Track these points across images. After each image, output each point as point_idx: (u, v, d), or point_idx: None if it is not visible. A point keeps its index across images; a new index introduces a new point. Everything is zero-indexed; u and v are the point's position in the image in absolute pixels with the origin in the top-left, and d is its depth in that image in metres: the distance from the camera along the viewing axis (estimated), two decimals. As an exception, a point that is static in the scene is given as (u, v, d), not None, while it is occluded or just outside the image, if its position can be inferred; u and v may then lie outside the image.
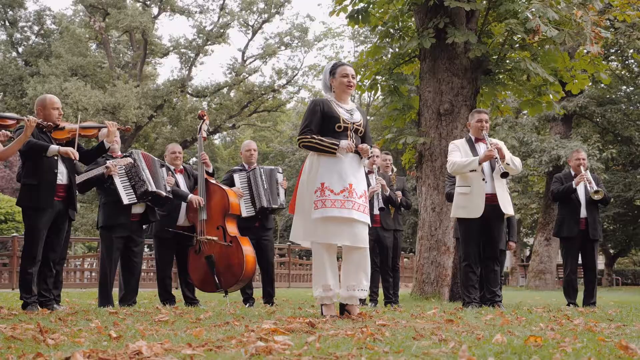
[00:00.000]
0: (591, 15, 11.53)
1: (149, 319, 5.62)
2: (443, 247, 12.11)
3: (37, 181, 7.11)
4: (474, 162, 8.11)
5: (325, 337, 3.86)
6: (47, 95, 7.41)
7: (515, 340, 3.58)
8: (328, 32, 41.50)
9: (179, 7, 38.80)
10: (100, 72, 37.62)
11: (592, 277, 9.76)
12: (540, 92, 12.82)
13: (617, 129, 28.44)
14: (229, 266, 8.77)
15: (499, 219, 8.31)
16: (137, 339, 3.96)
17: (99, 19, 37.09)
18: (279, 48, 39.87)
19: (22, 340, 3.92)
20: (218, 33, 38.41)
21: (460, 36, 11.87)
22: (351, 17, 13.13)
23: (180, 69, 40.01)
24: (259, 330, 4.26)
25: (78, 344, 3.79)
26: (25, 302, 7.00)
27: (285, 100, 43.46)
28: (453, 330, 4.58)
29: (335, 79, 6.38)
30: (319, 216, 6.03)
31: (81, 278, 21.78)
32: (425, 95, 12.60)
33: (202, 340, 3.81)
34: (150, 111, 36.09)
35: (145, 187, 8.15)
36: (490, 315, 6.41)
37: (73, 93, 32.96)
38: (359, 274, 6.21)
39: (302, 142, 6.25)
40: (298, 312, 6.90)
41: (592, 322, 5.67)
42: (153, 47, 39.31)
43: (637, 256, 48.95)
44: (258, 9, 39.31)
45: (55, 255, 7.35)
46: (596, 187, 9.36)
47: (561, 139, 25.53)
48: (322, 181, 6.10)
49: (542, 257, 26.74)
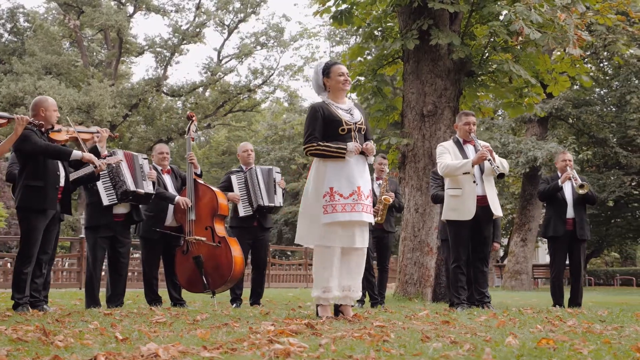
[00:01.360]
0: (574, 18, 11.62)
1: (145, 320, 5.60)
2: (426, 247, 12.16)
3: (42, 183, 7.08)
4: (467, 165, 8.13)
5: (336, 339, 3.86)
6: (48, 97, 7.42)
7: (529, 343, 3.59)
8: (304, 32, 41.45)
9: (154, 6, 38.56)
10: (74, 71, 37.31)
11: (578, 278, 9.82)
12: (521, 94, 12.91)
13: (592, 130, 28.68)
14: (217, 267, 8.73)
15: (489, 221, 8.35)
16: (144, 341, 3.94)
17: (74, 17, 36.78)
18: (255, 48, 39.77)
19: (29, 342, 3.89)
20: (194, 32, 38.25)
21: (444, 38, 11.92)
22: (335, 18, 13.13)
23: (156, 68, 39.81)
24: (264, 332, 4.25)
25: (87, 346, 3.76)
26: (17, 303, 6.93)
27: (260, 100, 43.39)
28: (454, 332, 4.60)
29: (330, 78, 6.37)
30: (329, 221, 6.03)
31: (57, 278, 21.56)
32: (408, 96, 12.64)
33: (212, 342, 3.80)
34: (125, 110, 35.85)
35: (125, 187, 8.13)
36: (484, 316, 6.43)
37: (47, 92, 32.62)
38: (355, 275, 6.22)
39: (308, 151, 6.22)
40: (292, 313, 6.88)
41: (584, 323, 5.72)
42: (128, 46, 39.06)
43: (610, 257, 49.44)
44: (234, 8, 39.19)
45: (47, 257, 7.31)
46: (580, 182, 9.41)
47: (537, 141, 25.69)
48: (331, 185, 6.09)
49: (518, 258, 26.90)
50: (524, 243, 26.89)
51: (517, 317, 6.41)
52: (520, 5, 11.34)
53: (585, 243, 9.87)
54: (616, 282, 37.02)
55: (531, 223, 26.83)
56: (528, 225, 26.77)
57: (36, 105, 7.28)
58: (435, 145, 12.24)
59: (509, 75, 12.35)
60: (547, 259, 39.67)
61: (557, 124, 29.96)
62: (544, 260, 43.48)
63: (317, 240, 6.15)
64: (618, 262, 51.44)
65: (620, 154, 28.28)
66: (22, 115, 6.78)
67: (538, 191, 10.10)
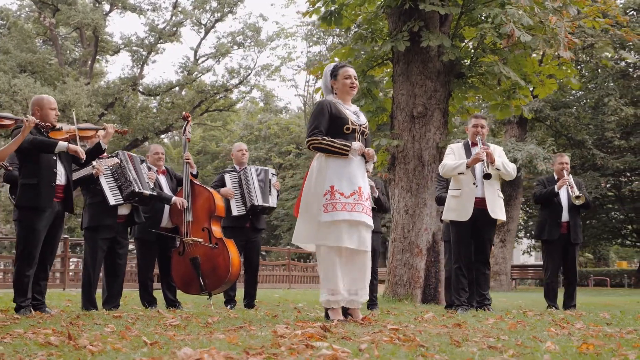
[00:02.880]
0: (565, 21, 11.69)
1: (157, 323, 5.54)
2: (416, 249, 12.16)
3: (36, 180, 6.94)
4: (462, 165, 8.20)
5: (373, 343, 3.84)
6: (44, 96, 7.27)
7: (573, 349, 3.59)
8: (281, 32, 41.37)
9: (130, 5, 38.25)
10: (49, 69, 36.93)
11: (572, 280, 9.87)
12: (509, 96, 12.96)
13: (569, 132, 28.89)
14: (214, 268, 8.69)
15: (489, 224, 8.37)
16: (173, 345, 3.90)
17: (49, 15, 36.42)
18: (232, 47, 39.61)
19: (58, 346, 3.82)
20: (170, 31, 37.99)
21: (435, 40, 11.94)
22: (324, 18, 13.12)
23: (132, 67, 39.51)
24: (292, 335, 4.21)
25: (119, 350, 3.71)
26: (19, 306, 6.82)
27: (236, 100, 43.24)
28: (477, 336, 4.59)
29: (337, 80, 6.34)
30: (329, 219, 5.98)
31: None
32: (398, 98, 12.65)
33: (248, 347, 3.75)
34: (101, 109, 35.55)
35: (132, 188, 8.03)
36: (491, 319, 6.44)
37: (23, 90, 32.28)
38: (362, 277, 6.18)
39: (312, 144, 6.15)
40: (299, 315, 6.85)
41: (592, 326, 5.74)
42: (104, 45, 38.74)
43: (583, 257, 49.81)
44: (211, 7, 38.97)
45: (51, 259, 7.22)
46: (577, 192, 9.46)
47: (517, 142, 25.82)
48: (332, 184, 6.04)
49: (497, 259, 27.05)
50: (503, 244, 27.05)
51: (523, 320, 6.42)
52: (512, 8, 11.39)
53: (578, 246, 9.93)
54: (590, 282, 37.29)
55: (510, 224, 27.00)
56: (507, 226, 26.92)
57: (32, 104, 7.18)
58: (425, 147, 12.31)
59: (498, 77, 12.39)
60: (522, 260, 40.02)
61: (536, 125, 30.15)
62: (518, 261, 43.81)
63: (317, 240, 6.08)
64: (592, 263, 51.90)
65: (597, 155, 28.53)
66: (29, 117, 6.68)
67: (533, 194, 10.14)
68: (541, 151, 23.92)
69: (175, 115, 37.99)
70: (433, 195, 11.87)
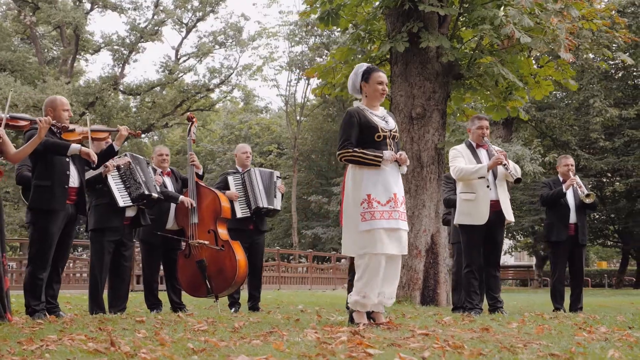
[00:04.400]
0: (566, 23, 11.69)
1: (185, 328, 5.45)
2: (415, 250, 12.11)
3: (50, 182, 6.85)
4: (482, 169, 8.12)
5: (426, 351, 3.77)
6: (57, 97, 7.17)
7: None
8: (262, 32, 41.26)
9: (111, 3, 38.00)
10: (29, 68, 36.60)
11: (579, 282, 9.86)
12: (506, 97, 12.95)
13: (554, 133, 29.01)
14: (221, 271, 8.60)
15: (501, 225, 8.36)
16: (219, 353, 3.82)
17: (29, 13, 36.07)
18: (214, 47, 39.47)
19: (108, 354, 3.72)
20: (152, 31, 37.79)
21: (434, 41, 11.89)
22: (322, 19, 13.04)
23: (113, 66, 39.24)
24: (339, 342, 4.14)
25: (171, 358, 3.62)
26: (33, 310, 6.70)
27: (217, 100, 43.10)
28: (515, 341, 4.55)
29: (369, 84, 6.27)
30: (368, 228, 5.94)
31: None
32: (396, 99, 12.60)
33: (301, 355, 3.68)
34: (81, 108, 35.27)
35: (142, 190, 7.93)
36: (514, 323, 6.41)
37: (3, 88, 31.96)
38: (391, 281, 6.14)
39: (344, 157, 6.11)
40: (323, 320, 6.76)
41: (616, 329, 5.72)
42: (84, 44, 38.43)
43: (563, 258, 50.03)
44: (193, 7, 38.84)
45: (63, 262, 7.11)
46: (587, 191, 9.45)
47: (503, 143, 25.86)
48: (368, 193, 6.01)
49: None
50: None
51: (545, 324, 6.38)
52: (512, 9, 11.38)
53: (585, 248, 9.93)
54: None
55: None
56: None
57: (45, 105, 7.10)
58: (423, 148, 12.26)
59: (496, 79, 12.37)
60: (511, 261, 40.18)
61: (521, 126, 30.25)
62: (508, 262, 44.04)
63: (362, 249, 6.02)
64: (572, 263, 52.13)
65: (581, 156, 28.67)
66: (45, 118, 6.56)
67: (540, 195, 10.10)
68: (528, 152, 23.97)
69: (156, 114, 37.82)
70: (432, 196, 11.85)
